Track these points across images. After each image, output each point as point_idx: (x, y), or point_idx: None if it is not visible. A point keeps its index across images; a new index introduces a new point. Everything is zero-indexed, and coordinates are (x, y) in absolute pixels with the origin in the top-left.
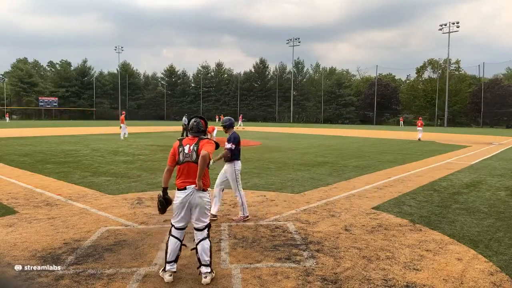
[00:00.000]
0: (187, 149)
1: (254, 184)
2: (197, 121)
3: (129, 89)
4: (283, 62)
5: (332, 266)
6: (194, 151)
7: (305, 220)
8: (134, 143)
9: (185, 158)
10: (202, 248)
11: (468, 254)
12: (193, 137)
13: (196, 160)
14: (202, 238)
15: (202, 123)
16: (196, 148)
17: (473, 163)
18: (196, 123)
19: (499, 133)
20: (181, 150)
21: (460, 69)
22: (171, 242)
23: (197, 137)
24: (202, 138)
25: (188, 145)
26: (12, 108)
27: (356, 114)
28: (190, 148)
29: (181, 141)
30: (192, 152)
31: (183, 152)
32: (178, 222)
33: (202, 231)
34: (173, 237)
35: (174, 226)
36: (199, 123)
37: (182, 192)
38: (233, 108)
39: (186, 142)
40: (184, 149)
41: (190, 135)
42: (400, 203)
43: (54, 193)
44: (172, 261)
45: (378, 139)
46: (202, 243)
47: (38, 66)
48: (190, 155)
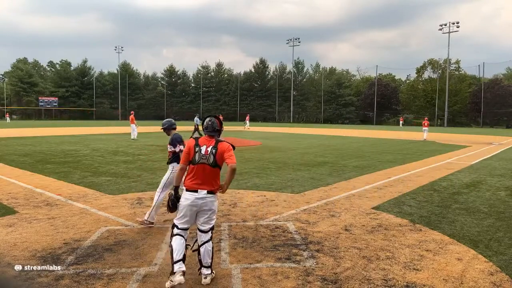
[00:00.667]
0: (204, 150)
1: (254, 184)
2: (212, 120)
3: (129, 89)
4: (283, 62)
5: (332, 266)
6: (212, 154)
7: (305, 220)
8: (134, 143)
9: (201, 159)
10: (205, 250)
11: (468, 254)
12: (209, 138)
13: (212, 164)
14: (206, 241)
15: (217, 123)
16: (214, 152)
17: (473, 163)
18: (211, 122)
19: (499, 133)
20: (197, 150)
21: (460, 69)
22: (177, 241)
23: (213, 138)
24: (219, 141)
25: (205, 146)
26: (12, 108)
27: (356, 114)
28: (208, 150)
29: (197, 140)
30: (210, 155)
31: (200, 152)
32: (183, 224)
33: (206, 233)
34: (177, 235)
35: (177, 227)
36: (214, 122)
37: (192, 194)
38: (233, 108)
39: (203, 142)
40: (201, 150)
41: (206, 135)
42: (400, 203)
43: (54, 193)
44: (180, 260)
45: (378, 139)
46: (205, 245)
47: (38, 66)
48: (207, 157)
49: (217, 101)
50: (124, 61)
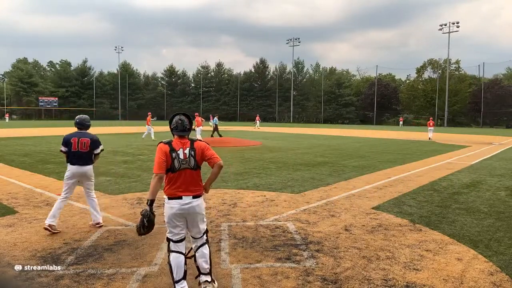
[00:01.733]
0: (182, 154)
1: (254, 184)
2: (182, 118)
3: (129, 89)
4: (283, 62)
5: (332, 266)
6: (192, 156)
7: (305, 220)
8: (134, 143)
9: (182, 164)
10: (201, 255)
11: (468, 254)
12: (181, 138)
13: (194, 167)
14: (201, 245)
15: (187, 121)
16: (193, 153)
17: (473, 163)
18: (181, 121)
19: (499, 133)
20: (174, 155)
21: (460, 69)
22: (174, 259)
23: (186, 138)
24: (193, 140)
25: (181, 149)
26: (12, 108)
27: (356, 114)
28: (185, 153)
29: (170, 144)
30: (190, 158)
31: (178, 157)
32: (175, 235)
33: (200, 238)
34: (174, 252)
35: (172, 240)
36: (184, 121)
37: (177, 202)
38: (233, 108)
39: (177, 145)
40: (179, 154)
41: (176, 136)
42: (400, 203)
43: (54, 193)
44: (180, 279)
45: (378, 139)
46: (201, 249)
47: (38, 66)
48: (187, 161)
49: (217, 101)
50: (124, 61)
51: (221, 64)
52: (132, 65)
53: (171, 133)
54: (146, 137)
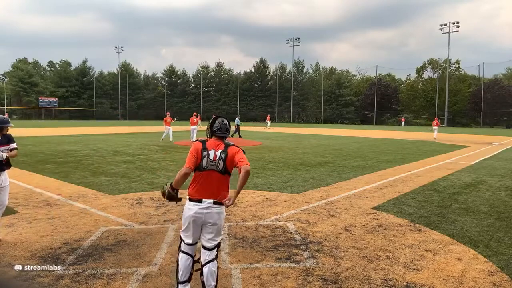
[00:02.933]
0: (213, 155)
1: (254, 184)
2: (225, 121)
3: (129, 89)
4: (283, 62)
5: (332, 266)
6: (222, 159)
7: (305, 220)
8: (134, 143)
9: (210, 165)
10: (209, 271)
11: (468, 254)
12: (218, 141)
13: (222, 170)
14: (211, 260)
15: (229, 124)
16: (224, 157)
17: (473, 163)
18: (225, 124)
19: (499, 133)
20: (205, 154)
21: (460, 69)
22: (182, 259)
23: (222, 141)
24: (229, 145)
25: (213, 150)
26: (12, 108)
27: (356, 114)
28: (216, 154)
29: (205, 143)
30: (219, 160)
31: (208, 157)
32: (187, 237)
33: (211, 251)
34: (183, 253)
35: (183, 241)
36: (227, 123)
37: (196, 205)
38: (233, 108)
39: (211, 146)
40: (209, 154)
41: (216, 138)
42: (400, 203)
43: (54, 193)
44: (185, 281)
45: (378, 139)
46: (209, 265)
47: (38, 66)
48: (216, 163)
49: (217, 101)
50: (124, 61)
51: (221, 64)
52: (132, 65)
53: (207, 134)
54: (165, 138)
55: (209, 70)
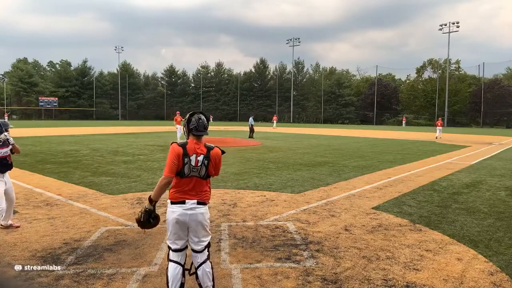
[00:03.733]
0: (194, 161)
1: (254, 184)
2: (202, 117)
3: (129, 89)
4: (283, 62)
5: (332, 266)
6: (205, 165)
7: (305, 220)
8: (134, 143)
9: (192, 172)
10: (203, 272)
11: (468, 254)
12: (197, 142)
13: (203, 176)
14: (203, 261)
15: (206, 120)
16: (207, 163)
17: (473, 163)
18: (202, 120)
19: (499, 133)
20: (186, 161)
21: (460, 69)
22: (171, 269)
23: (201, 142)
24: (210, 148)
25: (195, 155)
26: (12, 108)
27: (356, 114)
28: (198, 160)
29: (185, 148)
30: (201, 166)
31: (190, 164)
32: (174, 243)
33: (202, 253)
34: (172, 262)
35: (171, 249)
36: (204, 120)
37: (179, 206)
38: (233, 108)
39: (191, 150)
40: (191, 160)
41: (193, 137)
42: (400, 203)
43: (54, 193)
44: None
45: (378, 139)
46: (202, 267)
47: (38, 66)
48: (198, 170)
49: (217, 101)
50: (124, 61)
51: (221, 64)
52: (132, 65)
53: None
54: (181, 137)
55: (209, 70)
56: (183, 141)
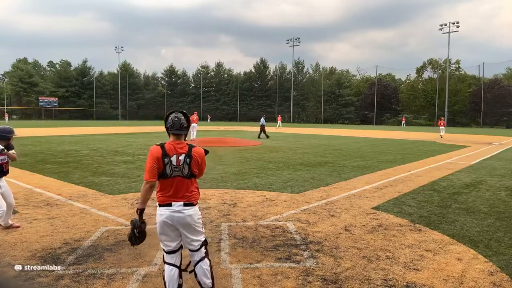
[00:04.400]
0: (175, 160)
1: (254, 184)
2: (179, 116)
3: (129, 89)
4: (283, 62)
5: (332, 266)
6: (187, 163)
7: (305, 220)
8: (134, 143)
9: (174, 171)
10: (201, 270)
11: (468, 254)
12: (177, 141)
13: (188, 175)
14: (200, 259)
15: (184, 119)
16: (189, 161)
17: (473, 163)
18: (178, 119)
19: (499, 133)
20: (167, 161)
21: (460, 69)
22: (167, 271)
23: (181, 141)
24: (192, 146)
25: (175, 155)
26: (12, 108)
27: (356, 114)
28: (180, 159)
29: (164, 148)
30: (184, 165)
31: (171, 164)
32: (167, 245)
33: (198, 251)
34: (167, 264)
35: (164, 251)
36: (181, 119)
37: (167, 209)
38: (233, 108)
39: (172, 150)
40: (172, 160)
41: (173, 138)
42: (400, 203)
43: (54, 193)
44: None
45: (378, 139)
46: (200, 264)
47: (38, 66)
48: (180, 169)
49: (217, 101)
50: (124, 61)
51: (221, 64)
52: (132, 65)
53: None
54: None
55: (209, 70)
56: (162, 141)
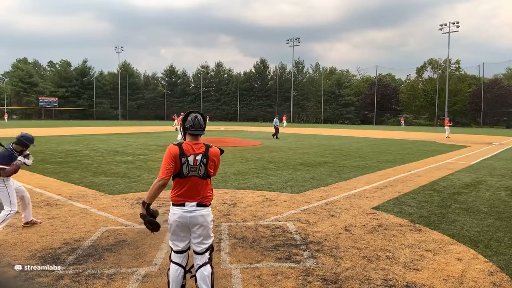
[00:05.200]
0: (193, 160)
1: (254, 184)
2: (198, 116)
3: (129, 89)
4: (283, 62)
5: (332, 266)
6: (203, 163)
7: (305, 220)
8: (134, 143)
9: (191, 171)
10: (201, 276)
11: (468, 254)
12: (194, 142)
13: (204, 176)
14: (202, 264)
15: (203, 120)
16: (206, 161)
17: (473, 163)
18: (198, 120)
19: (499, 133)
20: (184, 160)
21: (460, 69)
22: (172, 270)
23: (199, 141)
24: (209, 146)
25: (192, 155)
26: (12, 108)
27: (356, 114)
28: (197, 159)
29: (181, 147)
30: (200, 165)
31: (188, 163)
32: (176, 245)
33: (202, 255)
34: (173, 263)
35: (172, 250)
36: (200, 119)
37: (180, 208)
38: (233, 108)
39: (189, 150)
40: (189, 160)
41: (190, 138)
42: (400, 203)
43: (54, 193)
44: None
45: (378, 139)
46: (201, 270)
47: (38, 66)
48: (197, 169)
49: (217, 101)
50: (124, 61)
51: (220, 64)
52: (132, 65)
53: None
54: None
55: (209, 70)
56: (180, 141)
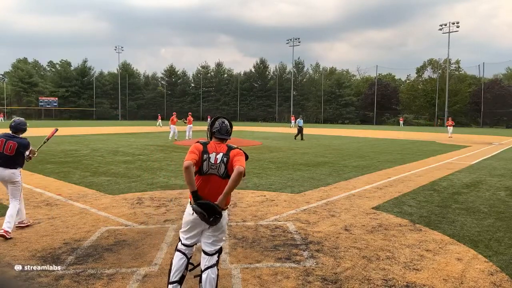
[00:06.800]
0: (213, 158)
1: (254, 184)
2: (225, 122)
3: (129, 89)
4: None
5: (332, 266)
6: (223, 162)
7: (305, 220)
8: (134, 143)
9: (210, 169)
10: (208, 278)
11: (468, 254)
12: (219, 143)
13: (223, 175)
14: (210, 265)
15: (229, 126)
16: (226, 160)
17: (473, 163)
18: (225, 125)
19: (499, 133)
20: (206, 157)
21: (460, 69)
22: (176, 258)
23: (223, 143)
24: (231, 148)
25: (214, 153)
26: (12, 108)
27: (356, 114)
28: (217, 158)
29: (205, 146)
30: (220, 164)
31: (209, 161)
32: (187, 239)
33: (212, 256)
34: (179, 252)
35: (181, 241)
36: (227, 124)
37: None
38: (233, 108)
39: (212, 149)
40: (210, 158)
41: (216, 140)
42: (400, 203)
43: (54, 193)
44: (175, 281)
45: (378, 139)
46: (208, 271)
47: (38, 66)
48: (217, 167)
49: (217, 101)
50: (124, 61)
51: (220, 64)
52: (132, 65)
53: (207, 135)
54: (177, 136)
55: (209, 70)
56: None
